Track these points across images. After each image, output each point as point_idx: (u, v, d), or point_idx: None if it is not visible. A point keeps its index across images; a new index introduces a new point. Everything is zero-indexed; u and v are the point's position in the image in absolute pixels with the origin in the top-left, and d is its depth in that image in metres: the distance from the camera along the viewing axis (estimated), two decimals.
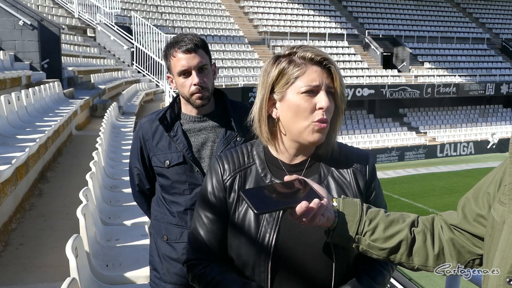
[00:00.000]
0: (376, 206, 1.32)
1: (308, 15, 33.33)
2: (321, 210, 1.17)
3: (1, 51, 8.50)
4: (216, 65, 2.10)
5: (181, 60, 1.93)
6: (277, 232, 1.29)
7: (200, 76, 1.94)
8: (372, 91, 27.89)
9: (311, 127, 1.29)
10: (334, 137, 1.37)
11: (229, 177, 1.37)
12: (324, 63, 1.30)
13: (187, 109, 2.05)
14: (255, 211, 1.12)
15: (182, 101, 2.05)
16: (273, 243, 1.29)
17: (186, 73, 1.94)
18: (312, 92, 1.29)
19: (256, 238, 1.30)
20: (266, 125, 1.36)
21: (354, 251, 1.27)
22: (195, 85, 1.93)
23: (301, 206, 1.14)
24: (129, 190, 4.12)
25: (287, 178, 1.24)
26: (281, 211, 1.28)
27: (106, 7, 20.62)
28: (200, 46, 1.95)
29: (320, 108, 1.28)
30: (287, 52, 1.33)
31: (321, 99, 1.28)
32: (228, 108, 2.05)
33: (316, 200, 1.16)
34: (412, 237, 1.22)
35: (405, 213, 1.28)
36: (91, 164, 4.04)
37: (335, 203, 1.24)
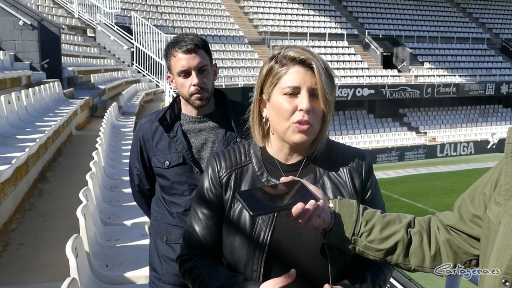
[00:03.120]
0: (373, 205, 1.32)
1: (308, 15, 33.33)
2: (317, 211, 1.17)
3: (1, 51, 8.50)
4: (217, 65, 2.10)
5: (181, 60, 1.92)
6: (272, 231, 1.30)
7: (200, 76, 1.94)
8: (372, 91, 27.89)
9: (291, 128, 1.29)
10: (322, 137, 1.36)
11: (225, 174, 1.38)
12: (307, 62, 1.28)
13: (187, 110, 2.04)
14: (251, 213, 1.12)
15: (182, 101, 2.05)
16: (267, 242, 1.29)
17: (186, 73, 1.94)
18: (293, 93, 1.28)
19: (251, 236, 1.30)
20: (258, 126, 1.38)
21: (351, 251, 1.27)
22: (194, 85, 1.93)
23: (296, 208, 1.14)
24: (129, 190, 4.13)
25: (283, 179, 1.24)
26: (277, 212, 1.28)
27: (106, 7, 20.61)
28: (200, 46, 1.94)
29: (300, 110, 1.27)
30: (276, 52, 1.33)
31: (302, 101, 1.27)
32: (228, 108, 2.05)
33: (312, 201, 1.16)
34: (408, 238, 1.22)
35: (402, 214, 1.28)
36: (91, 164, 4.04)
37: (331, 204, 1.24)
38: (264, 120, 1.37)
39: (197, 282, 1.35)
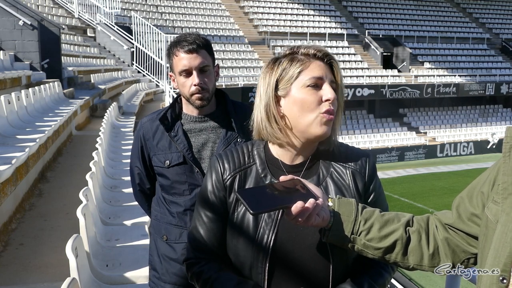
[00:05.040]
0: (377, 207, 1.32)
1: (308, 15, 33.34)
2: (317, 210, 1.18)
3: (1, 51, 8.50)
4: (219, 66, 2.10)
5: (183, 59, 1.93)
6: (275, 233, 1.30)
7: (200, 76, 1.94)
8: (372, 91, 27.89)
9: (318, 119, 1.30)
10: (335, 134, 1.37)
11: (229, 176, 1.37)
12: (326, 59, 1.33)
13: (188, 109, 2.04)
14: (251, 212, 1.13)
15: (183, 101, 2.05)
16: (271, 244, 1.29)
17: (187, 73, 1.94)
18: (316, 85, 1.30)
19: (255, 239, 1.30)
20: (275, 123, 1.35)
21: (352, 253, 1.27)
22: (195, 85, 1.93)
23: (296, 206, 1.14)
24: (129, 190, 4.13)
25: (282, 178, 1.25)
26: (279, 211, 1.29)
27: (106, 7, 20.61)
28: (202, 46, 1.94)
29: (326, 100, 1.29)
30: (288, 52, 1.36)
31: (327, 91, 1.30)
32: (229, 108, 2.05)
33: (311, 200, 1.16)
34: (407, 236, 1.23)
35: (400, 213, 1.29)
36: (91, 164, 4.04)
37: (330, 203, 1.25)
38: (282, 116, 1.35)
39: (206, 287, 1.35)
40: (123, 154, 5.84)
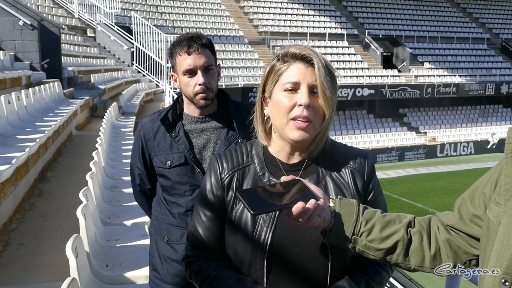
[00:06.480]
0: (376, 206, 1.32)
1: (308, 15, 33.34)
2: (318, 210, 1.17)
3: (1, 51, 8.50)
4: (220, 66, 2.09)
5: (187, 59, 1.92)
6: (273, 231, 1.30)
7: (205, 76, 1.93)
8: (372, 91, 27.90)
9: (290, 124, 1.29)
10: (323, 137, 1.35)
11: (227, 175, 1.39)
12: (308, 59, 1.29)
13: (189, 110, 2.04)
14: (252, 212, 1.12)
15: (185, 101, 2.04)
16: (268, 242, 1.30)
17: (191, 72, 1.93)
18: (293, 89, 1.29)
19: (252, 236, 1.31)
20: (261, 124, 1.39)
21: (351, 251, 1.27)
22: (200, 85, 1.93)
23: (297, 207, 1.14)
24: (129, 190, 4.13)
25: (283, 178, 1.25)
26: (278, 211, 1.29)
27: (106, 7, 20.61)
28: (206, 46, 1.94)
29: (299, 105, 1.27)
30: (278, 53, 1.35)
31: (300, 96, 1.28)
32: (231, 109, 2.04)
33: (312, 201, 1.16)
34: (408, 237, 1.22)
35: (402, 214, 1.29)
36: (91, 164, 4.04)
37: (331, 204, 1.24)
38: (266, 118, 1.38)
39: (205, 285, 1.36)
40: (123, 154, 5.84)
